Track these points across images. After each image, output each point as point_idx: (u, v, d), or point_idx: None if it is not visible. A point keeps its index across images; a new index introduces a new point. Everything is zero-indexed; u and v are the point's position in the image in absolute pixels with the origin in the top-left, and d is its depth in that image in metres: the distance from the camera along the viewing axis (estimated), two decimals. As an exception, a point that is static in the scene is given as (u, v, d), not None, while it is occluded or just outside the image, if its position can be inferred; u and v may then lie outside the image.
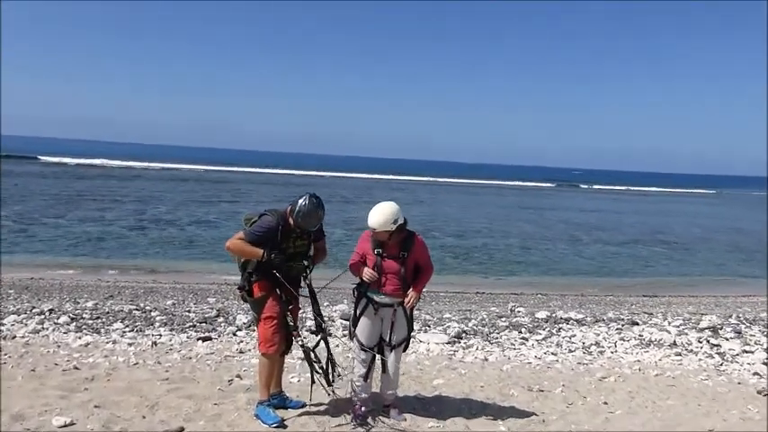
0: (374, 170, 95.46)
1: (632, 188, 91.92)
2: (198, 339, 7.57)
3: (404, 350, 4.95)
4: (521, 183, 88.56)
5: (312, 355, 4.82)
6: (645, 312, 12.55)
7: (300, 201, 4.53)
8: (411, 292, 4.63)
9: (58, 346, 6.75)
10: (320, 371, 4.79)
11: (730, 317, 11.08)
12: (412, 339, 5.57)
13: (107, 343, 7.09)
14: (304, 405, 4.99)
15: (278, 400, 4.92)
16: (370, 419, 4.78)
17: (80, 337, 7.27)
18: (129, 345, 7.05)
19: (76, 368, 5.73)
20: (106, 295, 12.36)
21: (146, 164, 71.60)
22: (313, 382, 4.89)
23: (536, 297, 16.30)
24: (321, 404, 5.04)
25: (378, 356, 4.76)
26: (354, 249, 4.82)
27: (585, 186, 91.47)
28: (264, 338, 4.66)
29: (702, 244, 30.03)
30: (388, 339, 4.75)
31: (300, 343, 4.75)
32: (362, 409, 4.79)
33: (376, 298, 4.68)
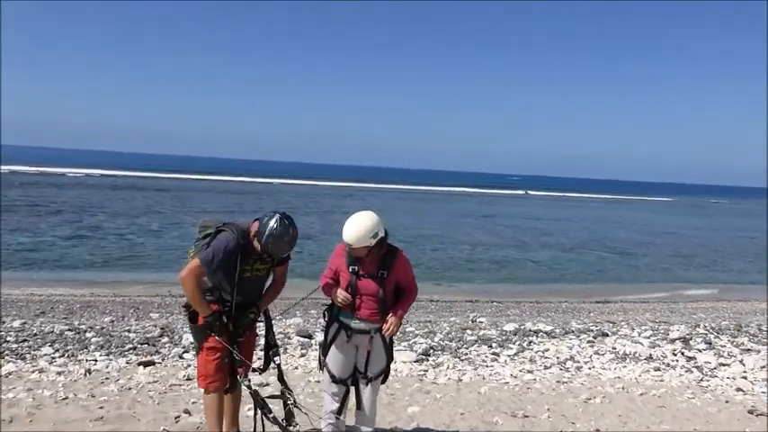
0: (317, 176, 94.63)
1: (572, 194, 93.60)
2: (139, 365, 6.73)
3: (382, 382, 4.28)
4: (464, 189, 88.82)
5: (261, 401, 3.99)
6: (608, 321, 12.30)
7: (271, 223, 3.77)
8: (390, 318, 3.96)
9: (-27, 378, 5.84)
10: (274, 421, 4.00)
11: (697, 326, 10.86)
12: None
13: (33, 372, 6.20)
14: None
15: None
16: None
17: (0, 366, 6.34)
18: (59, 374, 6.16)
19: (-8, 406, 4.85)
20: (37, 312, 11.34)
21: (82, 170, 68.74)
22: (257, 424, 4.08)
23: (492, 305, 16.09)
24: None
25: (351, 390, 4.09)
26: (327, 265, 4.14)
27: (527, 192, 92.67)
28: (205, 373, 3.93)
29: (646, 249, 30.56)
30: (363, 371, 4.09)
31: (246, 384, 3.95)
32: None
33: (350, 323, 4.01)
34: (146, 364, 6.72)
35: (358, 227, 3.85)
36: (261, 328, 4.27)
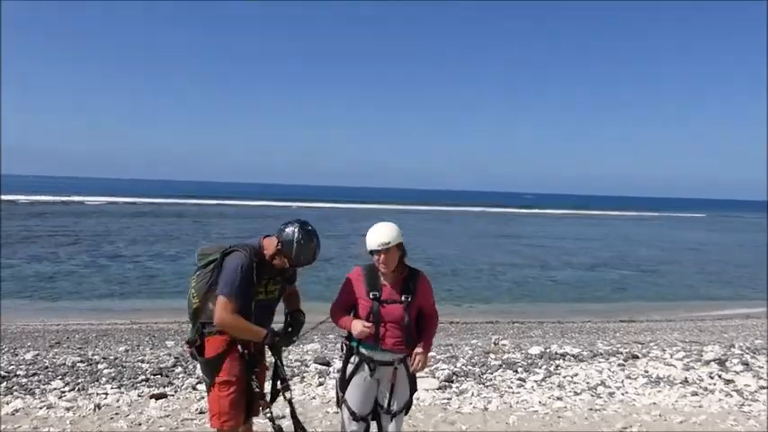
0: (330, 198, 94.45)
1: (590, 212, 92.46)
2: (150, 397, 6.46)
3: (405, 413, 3.97)
4: (478, 208, 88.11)
5: None
6: (636, 342, 11.88)
7: (290, 230, 3.59)
8: (418, 355, 3.70)
9: (-19, 416, 5.61)
10: None
11: (732, 346, 10.38)
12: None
13: (41, 408, 5.95)
14: None
15: None
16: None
17: (8, 402, 6.11)
18: (68, 409, 5.92)
19: (-4, 448, 4.61)
20: (52, 342, 11.21)
21: (99, 198, 69.30)
22: None
23: (513, 326, 15.73)
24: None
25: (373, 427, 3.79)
26: (338, 292, 3.86)
27: (544, 211, 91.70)
28: (219, 410, 3.60)
29: (669, 266, 29.97)
30: (386, 405, 3.79)
31: (269, 416, 3.70)
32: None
33: (373, 355, 3.72)
34: (158, 397, 6.46)
35: (386, 227, 3.68)
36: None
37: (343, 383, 3.78)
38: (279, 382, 3.84)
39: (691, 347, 10.49)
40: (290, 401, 3.81)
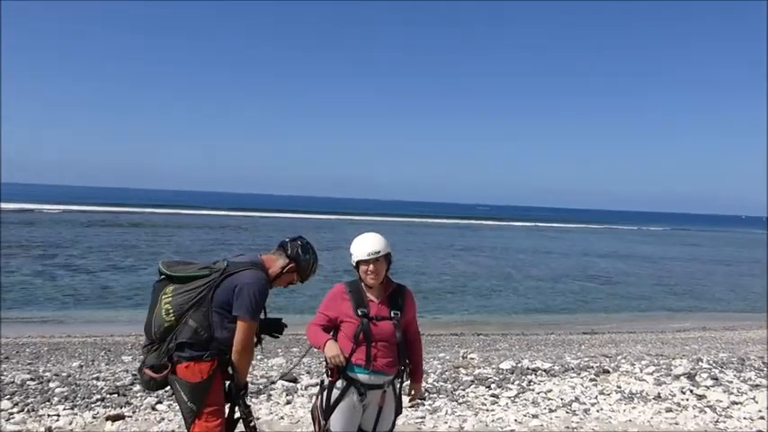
0: (289, 209, 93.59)
1: (549, 224, 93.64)
2: (106, 419, 6.05)
3: None
4: (430, 220, 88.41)
5: None
6: (603, 356, 11.86)
7: (298, 247, 3.59)
8: (415, 387, 3.67)
9: None
10: None
11: (700, 360, 10.39)
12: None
13: (-15, 432, 5.52)
14: None
15: None
16: None
17: (-52, 428, 5.66)
18: (15, 434, 5.50)
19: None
20: (1, 357, 10.59)
21: (48, 206, 66.99)
22: None
23: (479, 338, 15.71)
24: None
25: None
26: (318, 309, 3.60)
27: (501, 223, 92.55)
28: None
29: (628, 278, 30.48)
30: (371, 430, 3.54)
31: None
32: None
33: (365, 379, 3.45)
34: (114, 419, 6.05)
35: (375, 237, 3.51)
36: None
37: (328, 411, 3.48)
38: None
39: (659, 361, 10.47)
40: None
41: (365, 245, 3.45)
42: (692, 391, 8.08)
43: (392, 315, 3.47)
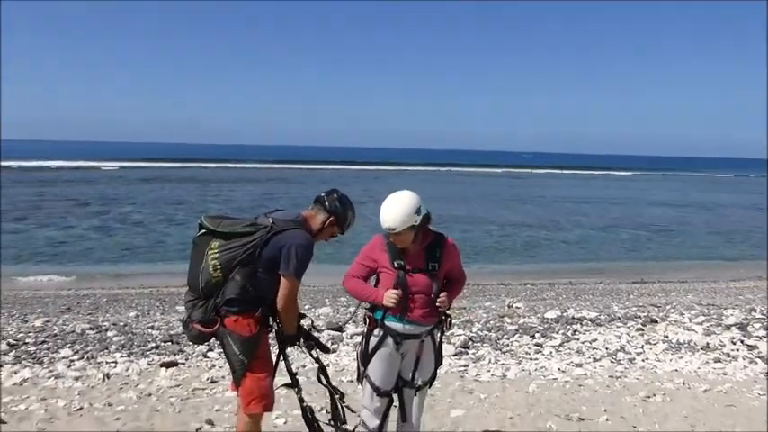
0: (338, 161, 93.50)
1: (593, 172, 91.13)
2: (160, 366, 6.33)
3: (429, 387, 3.79)
4: (476, 169, 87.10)
5: (312, 417, 3.61)
6: (651, 305, 11.66)
7: (336, 201, 3.59)
8: (443, 295, 3.50)
9: (-13, 387, 5.49)
10: None
11: (753, 310, 10.13)
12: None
13: (49, 378, 5.83)
14: None
15: None
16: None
17: (16, 372, 6.00)
18: (76, 379, 5.79)
19: (2, 422, 4.46)
20: (63, 308, 11.12)
21: (106, 163, 68.95)
22: None
23: (526, 288, 15.56)
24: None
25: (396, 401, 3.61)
26: (356, 260, 3.64)
27: (546, 171, 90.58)
28: (260, 393, 3.38)
29: (681, 226, 29.60)
30: (410, 379, 3.59)
31: (299, 397, 3.60)
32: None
33: (399, 328, 3.49)
34: (168, 366, 6.33)
35: (398, 206, 3.38)
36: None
37: (366, 358, 3.56)
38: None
39: (710, 311, 10.26)
40: (334, 395, 3.71)
41: (385, 218, 3.39)
42: (742, 342, 7.92)
43: (429, 267, 3.47)
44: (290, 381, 3.64)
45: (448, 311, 3.62)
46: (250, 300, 3.34)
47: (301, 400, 3.62)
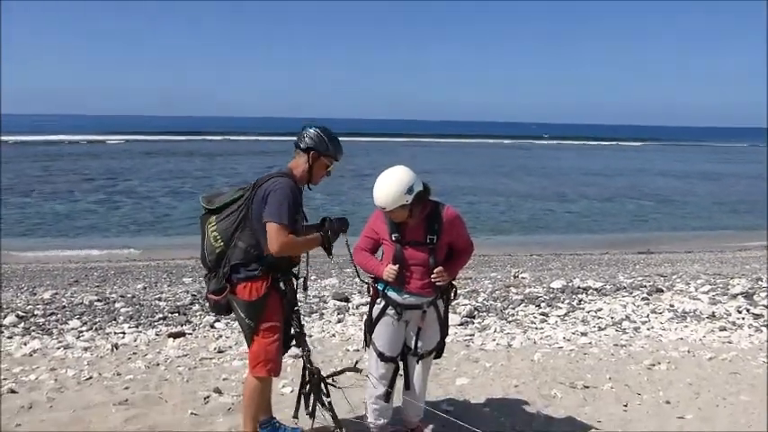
0: (342, 132, 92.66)
1: (599, 143, 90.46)
2: (168, 336, 6.39)
3: (435, 357, 3.80)
4: (485, 140, 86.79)
5: (319, 380, 3.62)
6: (658, 275, 11.65)
7: (311, 134, 3.46)
8: (438, 270, 3.45)
9: (-3, 357, 5.55)
10: (329, 408, 3.60)
11: (759, 279, 10.11)
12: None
13: (58, 348, 5.91)
14: None
15: (269, 429, 3.72)
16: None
17: (26, 343, 6.07)
18: (85, 350, 5.86)
19: (13, 391, 4.51)
20: (71, 280, 11.21)
21: (111, 137, 68.94)
22: (313, 412, 3.69)
23: (531, 258, 15.56)
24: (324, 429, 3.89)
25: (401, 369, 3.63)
26: (362, 233, 3.63)
27: (552, 142, 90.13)
28: (266, 357, 3.43)
29: (686, 196, 29.42)
30: (413, 347, 3.62)
31: (307, 356, 3.59)
32: (382, 438, 3.66)
33: (398, 298, 3.51)
34: (175, 336, 6.39)
35: (388, 185, 3.31)
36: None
37: (371, 325, 3.60)
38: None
39: (716, 280, 10.25)
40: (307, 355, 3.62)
41: (375, 196, 3.35)
42: (748, 311, 7.91)
43: (427, 240, 3.44)
44: (298, 345, 3.62)
45: (453, 282, 3.62)
46: (253, 261, 3.38)
47: (308, 361, 3.60)
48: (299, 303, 3.66)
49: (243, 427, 3.62)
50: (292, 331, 3.61)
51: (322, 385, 3.64)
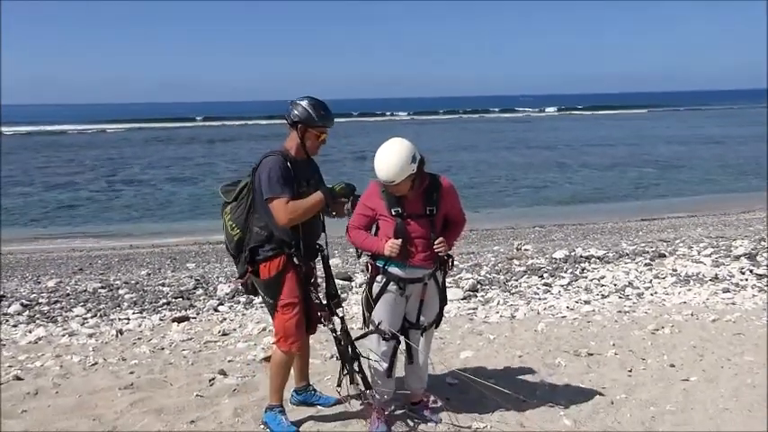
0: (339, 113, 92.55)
1: (602, 112, 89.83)
2: (172, 321, 6.41)
3: (435, 327, 3.81)
4: (476, 115, 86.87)
5: (348, 347, 3.71)
6: (661, 241, 11.65)
7: (299, 106, 3.47)
8: (440, 240, 3.45)
9: (3, 346, 5.58)
10: (358, 370, 3.71)
11: (762, 240, 10.09)
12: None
13: (63, 335, 5.94)
14: (338, 402, 3.94)
15: (303, 396, 3.95)
16: (397, 425, 3.70)
17: (31, 331, 6.10)
18: (90, 336, 5.89)
19: (18, 378, 4.54)
20: (75, 269, 11.25)
21: (111, 126, 68.68)
22: (340, 381, 3.82)
23: (534, 230, 15.52)
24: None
25: (402, 343, 3.62)
26: (355, 211, 3.59)
27: (545, 114, 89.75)
28: (285, 333, 3.52)
29: (689, 161, 29.22)
30: (415, 320, 3.62)
31: (332, 327, 3.69)
32: (386, 412, 3.67)
33: (402, 273, 3.48)
34: (180, 320, 6.41)
35: (394, 157, 3.28)
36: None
37: (370, 303, 3.58)
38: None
39: (719, 243, 10.24)
40: (341, 318, 3.72)
41: (380, 170, 3.31)
42: (751, 271, 7.92)
43: (427, 212, 3.44)
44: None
45: (449, 252, 3.61)
46: (268, 243, 3.48)
47: (341, 327, 3.67)
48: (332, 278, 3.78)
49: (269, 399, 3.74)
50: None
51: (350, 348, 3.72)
